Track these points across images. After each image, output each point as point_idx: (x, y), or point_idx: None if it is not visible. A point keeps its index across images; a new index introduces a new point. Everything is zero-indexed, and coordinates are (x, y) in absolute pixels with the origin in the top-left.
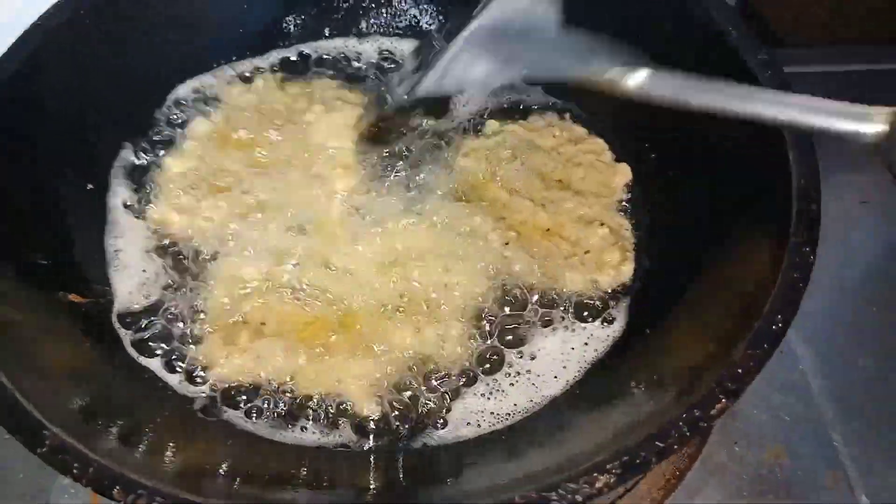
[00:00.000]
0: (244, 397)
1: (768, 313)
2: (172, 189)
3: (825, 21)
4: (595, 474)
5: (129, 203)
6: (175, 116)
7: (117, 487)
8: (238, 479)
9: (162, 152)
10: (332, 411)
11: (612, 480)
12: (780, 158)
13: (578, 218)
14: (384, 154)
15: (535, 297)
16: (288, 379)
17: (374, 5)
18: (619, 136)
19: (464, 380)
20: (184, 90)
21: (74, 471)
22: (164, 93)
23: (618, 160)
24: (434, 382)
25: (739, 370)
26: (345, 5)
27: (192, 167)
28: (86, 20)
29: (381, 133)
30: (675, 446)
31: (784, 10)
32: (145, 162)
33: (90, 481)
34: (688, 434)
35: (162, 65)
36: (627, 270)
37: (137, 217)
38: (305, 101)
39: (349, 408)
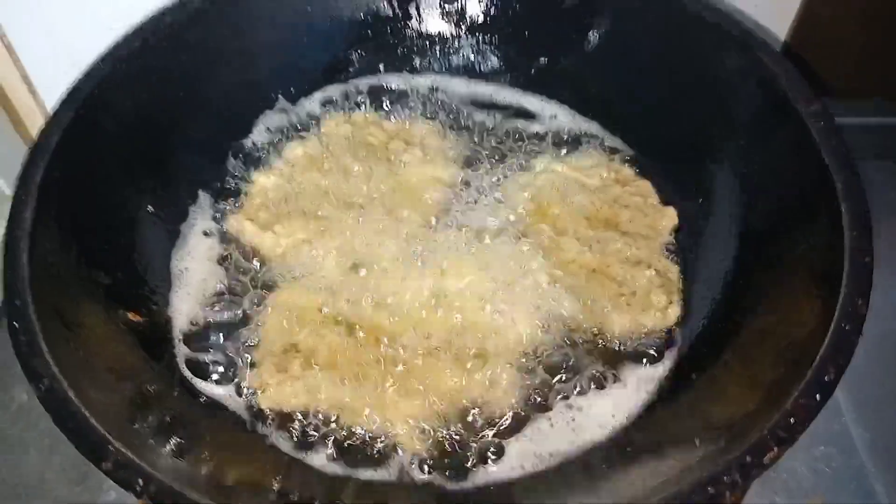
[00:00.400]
0: (294, 425)
1: (820, 363)
2: (254, 202)
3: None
4: None
5: (207, 216)
6: (256, 146)
7: None
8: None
9: (251, 171)
10: (377, 446)
11: None
12: (832, 209)
13: (625, 259)
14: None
15: (582, 339)
16: (336, 411)
17: (427, 44)
18: (667, 179)
19: (510, 422)
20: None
21: (137, 487)
22: (246, 122)
23: (665, 203)
24: (480, 424)
25: (791, 419)
26: (402, 43)
27: (278, 185)
28: (156, 50)
29: None
30: (727, 492)
31: (828, 57)
32: (231, 185)
33: (151, 497)
34: (739, 481)
35: (235, 94)
36: (674, 314)
37: (210, 228)
38: (401, 141)
39: (395, 445)
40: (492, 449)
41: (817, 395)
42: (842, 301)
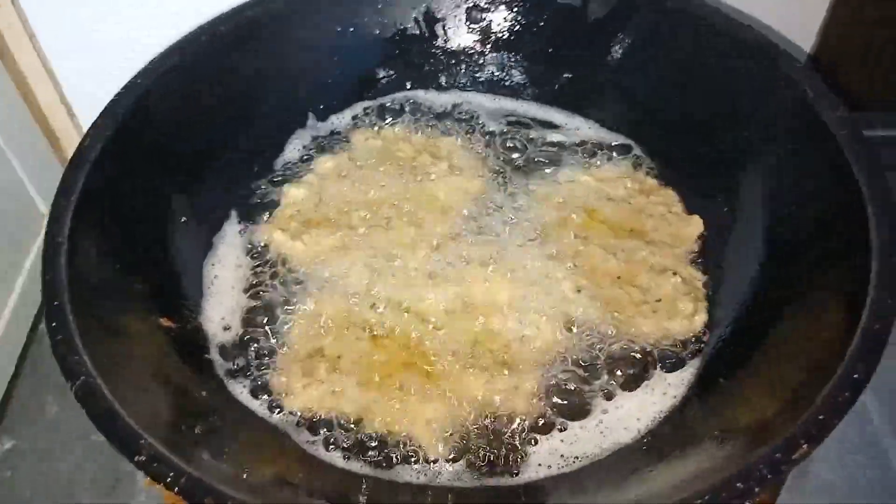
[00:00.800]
0: (319, 427)
1: (850, 362)
2: (284, 213)
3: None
4: None
5: (238, 229)
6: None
7: (209, 498)
8: (313, 498)
9: (283, 184)
10: (401, 449)
11: None
12: (859, 214)
13: (650, 267)
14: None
15: (607, 346)
16: (360, 414)
17: (453, 61)
18: (691, 189)
19: (535, 427)
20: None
21: (169, 479)
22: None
23: (690, 212)
24: (504, 429)
25: (821, 416)
26: (429, 60)
27: (308, 196)
28: (192, 67)
29: None
30: (756, 489)
31: (852, 71)
32: (263, 198)
33: (182, 491)
34: (768, 476)
35: (268, 112)
36: (700, 321)
37: (241, 238)
38: (429, 155)
39: (418, 448)
40: (516, 452)
41: (847, 393)
42: (870, 299)
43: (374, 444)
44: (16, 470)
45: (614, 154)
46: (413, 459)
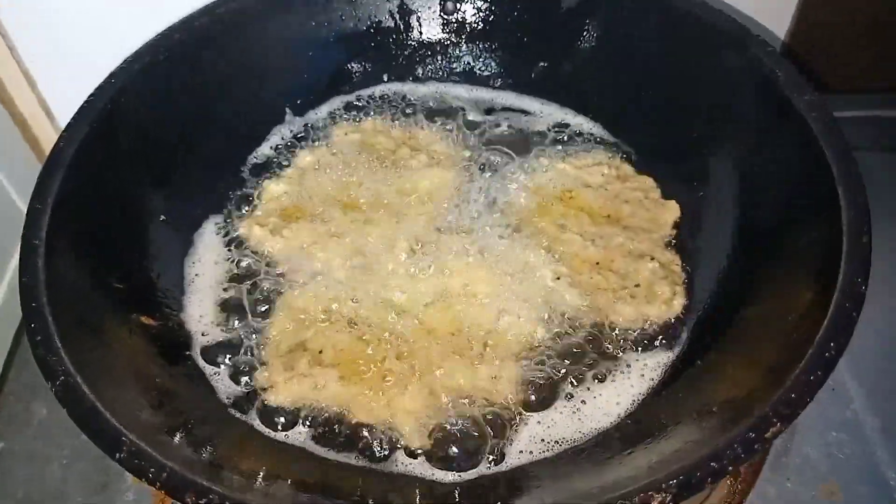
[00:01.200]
0: (302, 420)
1: (821, 341)
2: (265, 208)
3: (869, 66)
4: (651, 492)
5: (218, 224)
6: (267, 156)
7: (190, 491)
8: (298, 490)
9: (262, 179)
10: (385, 440)
11: (667, 499)
12: (830, 195)
13: (628, 253)
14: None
15: (587, 332)
16: (343, 407)
17: (429, 53)
18: (666, 174)
19: (516, 415)
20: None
21: (150, 475)
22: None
23: (667, 197)
24: (486, 417)
25: (793, 395)
26: (404, 53)
27: (288, 192)
28: (166, 65)
29: None
30: (730, 468)
31: (827, 56)
32: (242, 193)
33: (164, 485)
34: (742, 455)
35: (244, 108)
36: (678, 304)
37: (221, 235)
38: (408, 147)
39: (400, 438)
40: (497, 440)
41: (819, 372)
42: (841, 279)
43: (356, 436)
44: (7, 472)
45: (591, 141)
46: (396, 450)
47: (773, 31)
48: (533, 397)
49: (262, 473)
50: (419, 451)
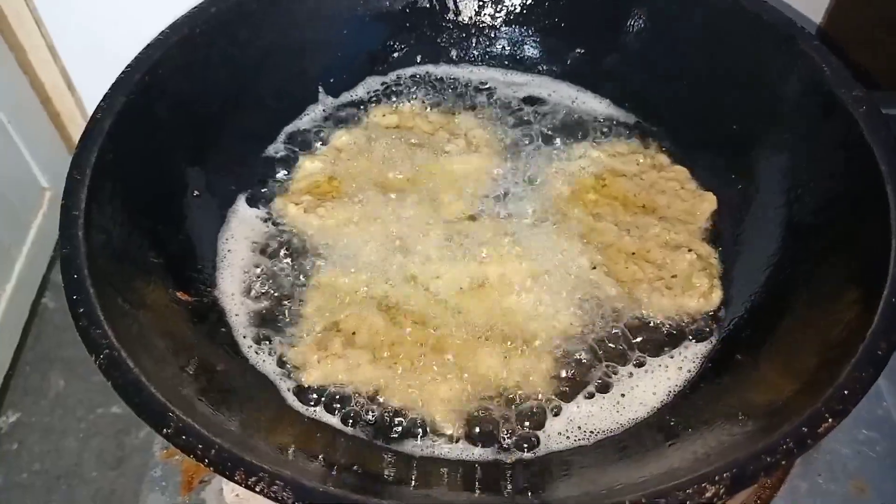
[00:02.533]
0: (334, 400)
1: (872, 337)
2: (299, 185)
3: None
4: (704, 484)
5: (251, 201)
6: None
7: (240, 469)
8: (336, 470)
9: (298, 157)
10: (417, 424)
11: (721, 491)
12: (878, 194)
13: (664, 243)
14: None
15: (623, 322)
16: (375, 389)
17: (464, 35)
18: (705, 166)
19: (550, 404)
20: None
21: (198, 451)
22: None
23: (705, 187)
24: (520, 406)
25: (846, 391)
26: (440, 34)
27: (323, 170)
28: (202, 39)
29: None
30: (783, 462)
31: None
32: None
33: (213, 462)
34: (795, 451)
35: (280, 85)
36: (716, 297)
37: (254, 211)
38: (445, 131)
39: (433, 422)
40: (532, 429)
41: (871, 369)
42: (891, 277)
43: (389, 420)
44: (22, 443)
45: (626, 130)
46: (427, 434)
47: (809, 17)
48: (568, 387)
49: (300, 451)
50: (451, 436)
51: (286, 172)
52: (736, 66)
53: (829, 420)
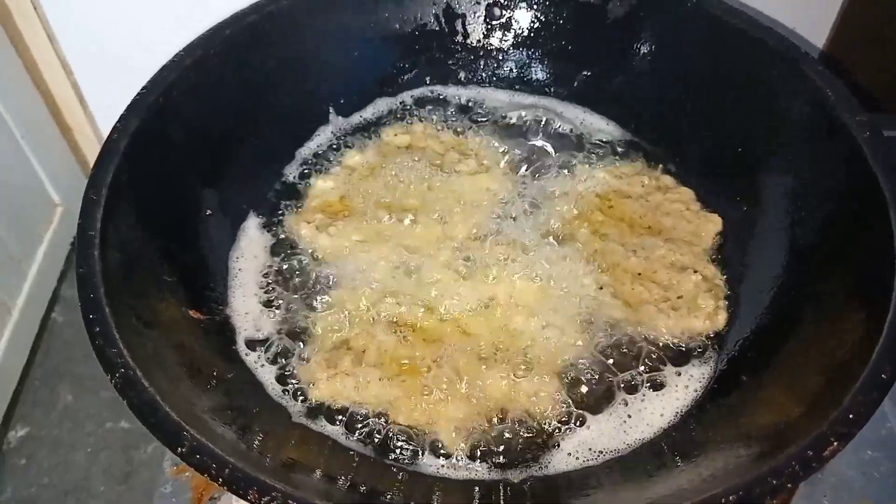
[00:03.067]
0: (342, 418)
1: (877, 360)
2: (311, 205)
3: None
4: None
5: (262, 220)
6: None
7: (253, 489)
8: (349, 490)
9: (310, 177)
10: (424, 443)
11: None
12: (882, 217)
13: (670, 264)
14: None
15: (630, 342)
16: (383, 408)
17: (472, 57)
18: (709, 188)
19: (557, 426)
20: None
21: (212, 471)
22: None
23: (710, 209)
24: (527, 428)
25: (851, 415)
26: (449, 56)
27: (335, 189)
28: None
29: None
30: (788, 484)
31: (866, 66)
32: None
33: (226, 482)
34: (801, 474)
35: (293, 106)
36: (721, 318)
37: (266, 230)
38: (457, 152)
39: (440, 443)
40: (539, 449)
41: (875, 392)
42: None
43: (397, 438)
44: (31, 457)
45: (631, 151)
46: (434, 454)
47: (811, 40)
48: (575, 408)
49: (308, 469)
50: (458, 456)
51: (298, 192)
52: (741, 90)
53: (835, 443)
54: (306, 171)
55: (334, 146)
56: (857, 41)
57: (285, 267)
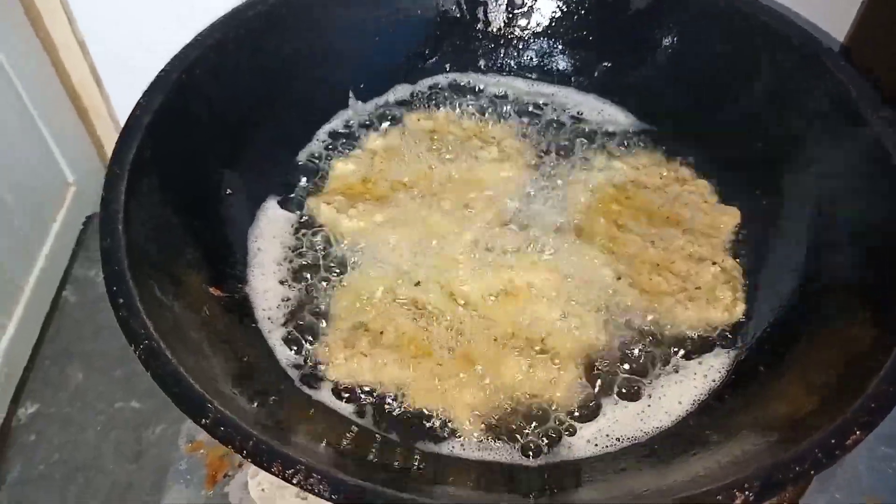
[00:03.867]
0: (358, 398)
1: None
2: (331, 186)
3: None
4: (734, 490)
5: (283, 200)
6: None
7: (277, 461)
8: (367, 466)
9: (331, 158)
10: (439, 426)
11: (749, 499)
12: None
13: (688, 256)
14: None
15: (647, 332)
16: (399, 389)
17: (492, 45)
18: (728, 181)
19: (574, 413)
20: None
21: (237, 442)
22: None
23: (728, 202)
24: (543, 414)
25: (873, 404)
26: (469, 44)
27: (356, 171)
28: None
29: None
30: (812, 471)
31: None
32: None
33: (250, 454)
34: (823, 461)
35: (313, 89)
36: (739, 310)
37: (286, 210)
38: (479, 139)
39: (456, 427)
40: (555, 435)
41: None
42: None
43: (414, 420)
44: (41, 435)
45: (650, 143)
46: (453, 437)
47: (832, 34)
48: (592, 395)
49: (328, 446)
50: (473, 439)
51: (319, 174)
52: (762, 84)
53: (857, 432)
54: (327, 154)
55: (354, 131)
56: (879, 36)
57: (305, 247)
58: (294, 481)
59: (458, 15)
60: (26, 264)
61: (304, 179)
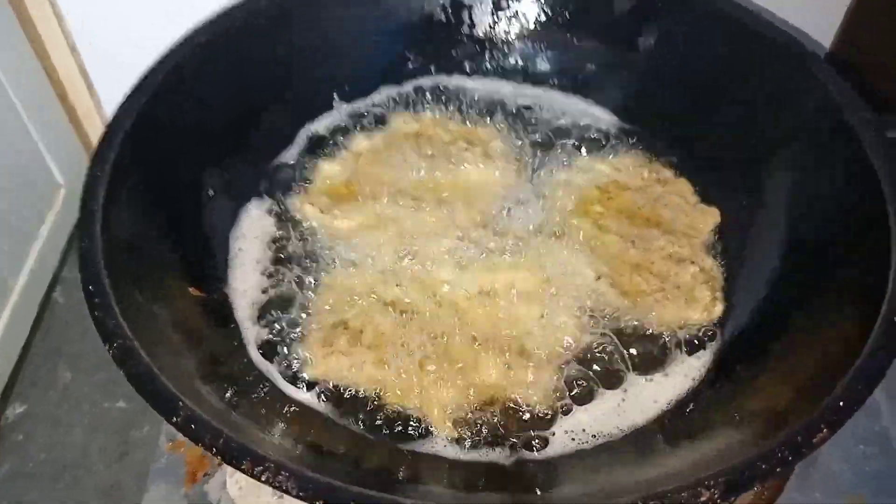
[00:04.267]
0: (336, 396)
1: (868, 353)
2: (317, 187)
3: None
4: (699, 489)
5: (265, 201)
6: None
7: (247, 459)
8: (340, 464)
9: (316, 159)
10: (415, 425)
11: (715, 496)
12: (879, 211)
13: (668, 256)
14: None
15: (627, 332)
16: (377, 389)
17: (478, 48)
18: (708, 181)
19: (552, 411)
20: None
21: (206, 441)
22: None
23: (708, 203)
24: (520, 414)
25: (841, 403)
26: (454, 47)
27: (341, 173)
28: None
29: None
30: (777, 469)
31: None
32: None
33: (220, 452)
34: (790, 459)
35: (299, 89)
36: (718, 309)
37: (269, 211)
38: (464, 141)
39: (432, 426)
40: (532, 434)
41: (865, 382)
42: (889, 293)
43: (390, 419)
44: (28, 434)
45: (632, 144)
46: (429, 436)
47: (818, 39)
48: (570, 394)
49: (301, 444)
50: (450, 438)
51: (303, 175)
52: (745, 86)
53: (824, 430)
54: (311, 155)
55: (339, 132)
56: (864, 41)
57: (286, 247)
58: (263, 479)
59: (444, 18)
60: (16, 265)
61: (288, 181)
